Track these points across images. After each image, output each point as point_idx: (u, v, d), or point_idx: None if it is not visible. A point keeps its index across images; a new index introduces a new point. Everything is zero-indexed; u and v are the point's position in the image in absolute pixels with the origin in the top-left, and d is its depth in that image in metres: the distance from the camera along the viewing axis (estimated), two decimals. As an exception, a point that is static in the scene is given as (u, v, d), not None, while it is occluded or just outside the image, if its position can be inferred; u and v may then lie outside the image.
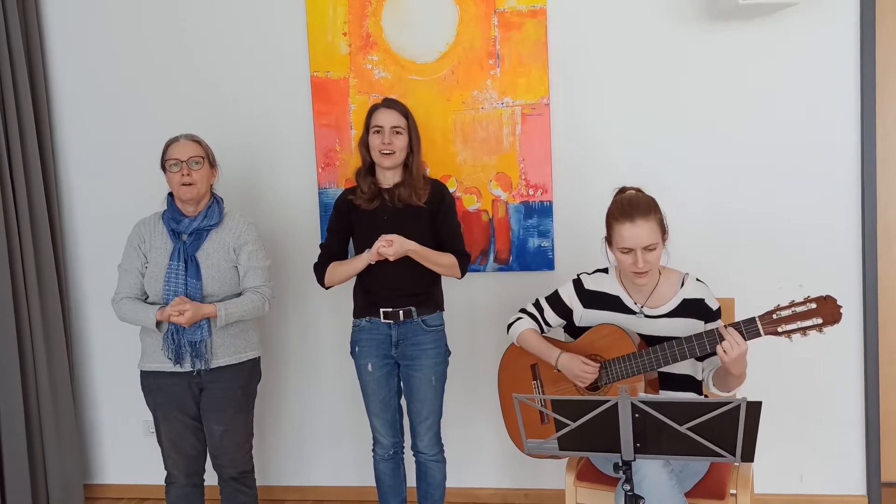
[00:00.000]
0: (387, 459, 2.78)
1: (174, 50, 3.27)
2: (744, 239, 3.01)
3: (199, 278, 2.53)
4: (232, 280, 2.60)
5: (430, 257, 2.59)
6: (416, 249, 2.55)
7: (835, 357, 3.01)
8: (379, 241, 2.51)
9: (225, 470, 2.67)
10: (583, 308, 2.45)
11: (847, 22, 2.88)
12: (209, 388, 2.59)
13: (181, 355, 2.53)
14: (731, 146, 2.99)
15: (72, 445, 3.35)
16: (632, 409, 1.80)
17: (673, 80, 2.99)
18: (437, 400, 2.71)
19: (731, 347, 2.12)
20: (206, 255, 2.56)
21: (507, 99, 3.06)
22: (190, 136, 2.62)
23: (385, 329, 2.65)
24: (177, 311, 2.44)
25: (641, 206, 2.26)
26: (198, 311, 2.47)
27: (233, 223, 2.64)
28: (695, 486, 2.31)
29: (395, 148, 2.61)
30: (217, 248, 2.59)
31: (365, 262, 2.59)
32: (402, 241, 2.52)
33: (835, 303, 2.10)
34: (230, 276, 2.60)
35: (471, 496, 3.30)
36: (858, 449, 3.05)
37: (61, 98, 3.38)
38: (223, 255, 2.59)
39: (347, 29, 3.13)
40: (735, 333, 2.13)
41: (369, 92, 3.13)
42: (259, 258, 2.64)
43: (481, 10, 3.04)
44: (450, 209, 2.70)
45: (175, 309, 2.44)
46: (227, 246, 2.60)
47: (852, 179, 2.94)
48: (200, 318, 2.49)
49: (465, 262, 2.66)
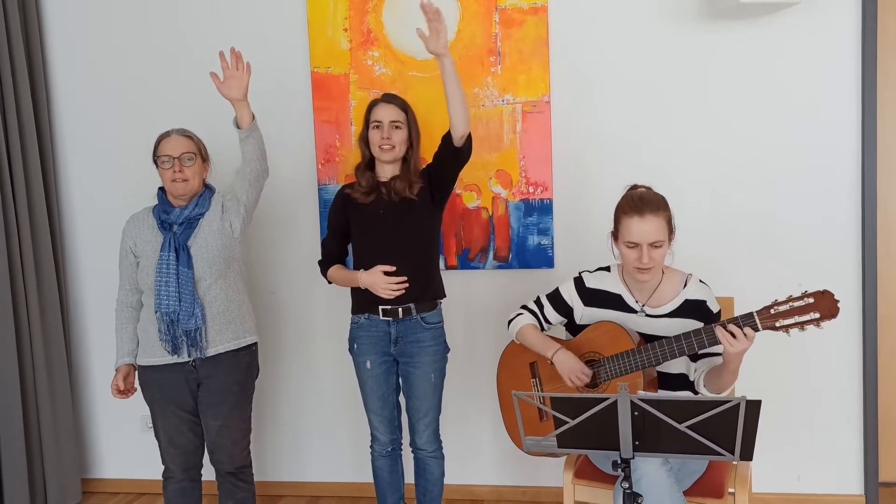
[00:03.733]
0: (385, 456, 2.77)
1: (174, 46, 3.26)
2: (743, 236, 3.01)
3: (191, 266, 2.51)
4: (226, 254, 2.57)
5: (456, 76, 2.46)
6: (450, 60, 2.44)
7: (833, 356, 3.01)
8: (385, 278, 2.54)
9: (222, 465, 2.66)
10: (583, 306, 2.45)
11: (848, 21, 2.88)
12: (206, 383, 2.59)
13: (177, 345, 2.52)
14: (731, 144, 2.99)
15: (69, 440, 3.35)
16: (631, 407, 1.80)
17: (673, 78, 2.99)
18: (436, 397, 2.70)
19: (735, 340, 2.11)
20: (197, 241, 2.54)
21: (507, 96, 3.06)
22: (182, 132, 2.61)
23: (384, 326, 2.65)
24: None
25: (652, 203, 2.27)
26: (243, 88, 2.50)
27: (217, 196, 2.64)
28: (693, 485, 2.31)
29: (395, 142, 2.61)
30: (209, 229, 2.56)
31: (360, 285, 2.60)
32: (447, 41, 2.42)
33: (832, 297, 2.10)
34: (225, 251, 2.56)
35: (469, 493, 3.30)
36: (856, 448, 3.05)
37: (61, 95, 3.38)
38: (217, 227, 2.56)
39: (348, 25, 3.13)
40: (735, 329, 2.13)
41: (370, 88, 3.12)
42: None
43: (482, 7, 3.04)
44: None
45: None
46: (217, 215, 2.58)
47: (852, 177, 2.94)
48: (244, 90, 2.51)
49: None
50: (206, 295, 2.55)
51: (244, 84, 2.51)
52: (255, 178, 2.61)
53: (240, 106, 2.53)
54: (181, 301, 2.50)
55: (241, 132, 2.55)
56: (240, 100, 2.52)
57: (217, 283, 2.56)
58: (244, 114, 2.54)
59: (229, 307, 2.59)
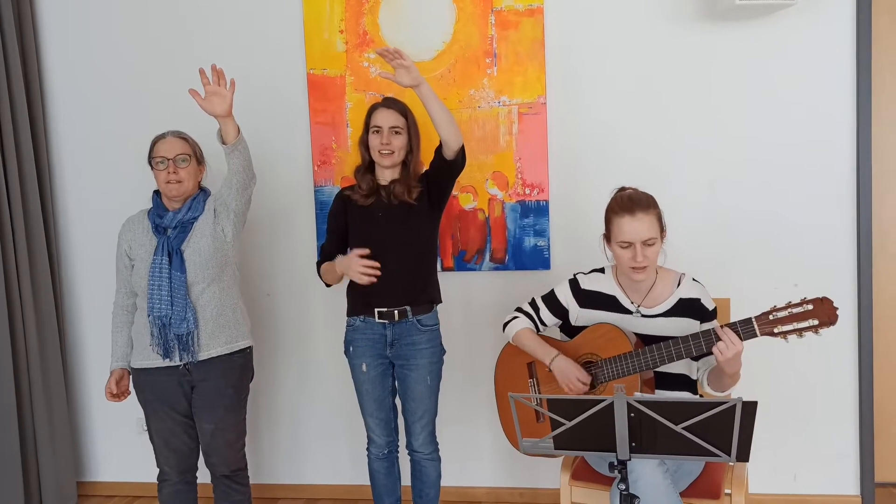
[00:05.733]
0: (381, 458, 2.77)
1: (171, 48, 3.26)
2: (739, 238, 3.02)
3: (184, 271, 2.50)
4: (219, 258, 2.56)
5: (437, 100, 2.47)
6: (428, 87, 2.45)
7: (829, 357, 3.02)
8: (359, 261, 2.49)
9: (217, 468, 2.65)
10: (579, 308, 2.45)
11: (843, 22, 2.89)
12: (200, 386, 2.57)
13: (169, 349, 2.52)
14: (727, 145, 2.99)
15: (65, 443, 3.33)
16: (627, 409, 1.80)
17: (669, 79, 2.99)
18: (432, 399, 2.70)
19: (726, 347, 2.13)
20: (190, 245, 2.53)
21: (503, 98, 3.06)
22: (177, 133, 2.60)
23: (380, 329, 2.64)
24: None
25: (642, 201, 2.28)
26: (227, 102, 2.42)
27: (210, 199, 2.62)
28: (689, 486, 2.31)
29: (394, 148, 2.60)
30: (202, 233, 2.54)
31: (337, 270, 2.58)
32: (417, 72, 2.41)
33: (831, 304, 2.10)
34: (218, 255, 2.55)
35: (466, 495, 3.29)
36: (852, 449, 3.05)
37: (56, 95, 3.37)
38: (210, 231, 2.55)
39: (344, 26, 3.12)
40: (730, 333, 2.14)
41: (366, 90, 3.12)
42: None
43: (478, 9, 3.04)
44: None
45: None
46: (210, 220, 2.56)
47: (848, 177, 2.95)
48: (228, 107, 2.42)
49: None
50: (200, 299, 2.54)
51: (228, 101, 2.41)
52: (242, 188, 2.56)
53: (225, 122, 2.45)
54: (173, 305, 2.49)
55: (227, 147, 2.48)
56: (224, 116, 2.45)
57: (210, 288, 2.55)
58: (230, 129, 2.46)
59: (223, 311, 2.57)
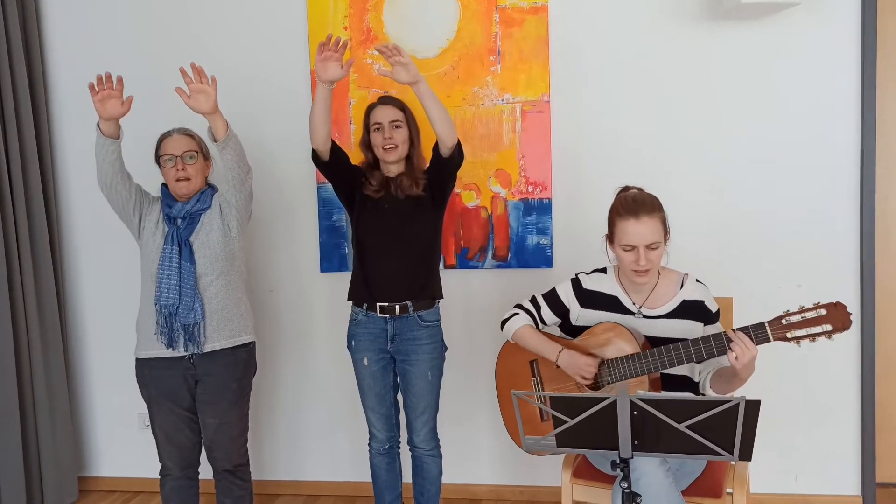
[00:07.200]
0: (382, 454, 2.77)
1: (173, 45, 3.25)
2: (743, 236, 3.01)
3: (193, 261, 2.52)
4: (227, 251, 2.58)
5: (434, 98, 2.49)
6: (425, 84, 2.47)
7: (831, 357, 3.01)
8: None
9: (219, 463, 2.66)
10: (580, 308, 2.44)
11: (848, 21, 2.88)
12: (204, 380, 2.58)
13: (174, 339, 2.52)
14: (731, 145, 2.99)
15: (66, 438, 3.34)
16: (630, 407, 1.79)
17: (674, 78, 2.99)
18: (434, 395, 2.70)
19: (742, 353, 2.10)
20: (199, 237, 2.55)
21: (507, 95, 3.06)
22: (183, 130, 2.61)
23: (381, 323, 2.65)
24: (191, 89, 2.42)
25: (646, 204, 2.25)
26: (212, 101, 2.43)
27: (217, 195, 2.63)
28: (691, 485, 2.31)
29: (397, 142, 2.61)
30: (210, 226, 2.57)
31: (324, 91, 2.51)
32: (415, 69, 2.44)
33: (845, 310, 2.08)
34: (226, 248, 2.58)
35: (467, 492, 3.30)
36: (853, 449, 3.05)
37: (60, 92, 3.37)
38: (217, 224, 2.57)
39: (348, 23, 3.12)
40: (745, 338, 2.12)
41: (369, 87, 3.12)
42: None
43: (482, 6, 3.04)
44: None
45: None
46: (217, 213, 2.59)
47: (852, 178, 2.94)
48: (213, 103, 2.43)
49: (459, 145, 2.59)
50: (207, 291, 2.55)
51: (212, 97, 2.43)
52: (240, 183, 2.56)
53: (213, 118, 2.47)
54: (181, 295, 2.50)
55: (218, 144, 2.49)
56: (211, 113, 2.46)
57: (218, 280, 2.56)
58: (219, 125, 2.47)
59: (228, 305, 2.58)
